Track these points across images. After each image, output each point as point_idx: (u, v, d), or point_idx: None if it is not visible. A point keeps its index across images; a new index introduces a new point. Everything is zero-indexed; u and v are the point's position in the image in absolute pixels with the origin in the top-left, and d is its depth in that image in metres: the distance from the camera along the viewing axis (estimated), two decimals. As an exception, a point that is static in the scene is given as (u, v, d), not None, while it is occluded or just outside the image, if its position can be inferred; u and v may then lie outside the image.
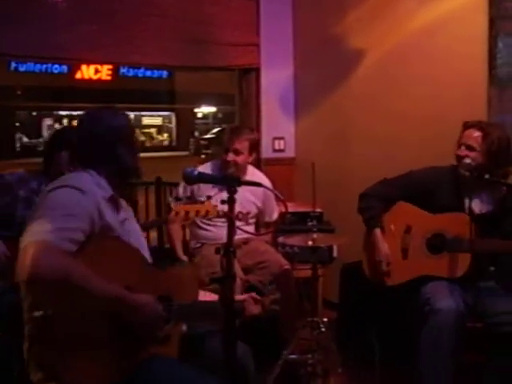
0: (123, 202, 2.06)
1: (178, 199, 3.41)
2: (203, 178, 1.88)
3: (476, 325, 2.58)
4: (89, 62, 3.84)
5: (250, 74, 4.40)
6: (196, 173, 1.79)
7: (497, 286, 2.65)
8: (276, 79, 4.49)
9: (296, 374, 2.99)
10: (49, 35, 3.53)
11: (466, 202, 2.61)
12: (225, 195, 1.73)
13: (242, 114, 4.47)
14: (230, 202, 1.66)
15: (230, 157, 3.31)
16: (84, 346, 1.63)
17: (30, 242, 1.58)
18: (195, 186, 3.30)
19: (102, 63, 3.62)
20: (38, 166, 2.78)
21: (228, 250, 1.55)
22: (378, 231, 2.86)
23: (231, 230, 1.60)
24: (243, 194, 3.17)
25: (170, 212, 3.39)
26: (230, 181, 1.74)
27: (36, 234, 1.60)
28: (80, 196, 1.77)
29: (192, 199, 3.35)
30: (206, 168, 3.47)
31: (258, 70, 4.38)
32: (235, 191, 1.71)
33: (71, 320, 1.61)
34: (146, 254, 2.03)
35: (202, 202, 3.08)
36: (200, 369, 1.85)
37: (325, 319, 2.97)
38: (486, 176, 2.48)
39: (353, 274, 3.36)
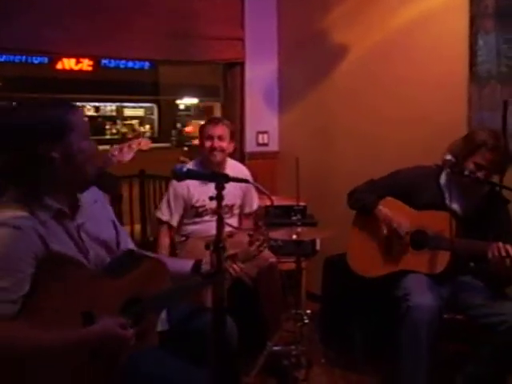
0: (87, 195, 1.88)
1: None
2: (192, 175, 1.90)
3: (457, 317, 2.66)
4: (74, 56, 3.82)
5: (234, 68, 4.41)
6: (185, 169, 1.82)
7: (474, 280, 2.72)
8: (260, 73, 4.51)
9: (280, 365, 3.04)
10: (34, 29, 3.51)
11: (447, 200, 2.67)
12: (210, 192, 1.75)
13: (226, 107, 4.49)
14: (219, 198, 1.69)
15: (217, 142, 3.33)
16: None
17: None
18: (185, 192, 3.35)
19: (87, 57, 3.59)
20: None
21: (218, 245, 1.58)
22: (382, 207, 2.88)
23: (220, 226, 1.63)
24: (228, 187, 3.22)
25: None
26: (218, 177, 1.75)
27: None
28: (16, 236, 1.58)
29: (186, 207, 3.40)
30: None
31: (242, 64, 4.40)
32: (223, 188, 1.73)
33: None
34: (114, 245, 1.94)
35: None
36: (185, 352, 1.88)
37: (308, 311, 3.00)
38: (466, 172, 2.53)
39: (336, 267, 3.42)
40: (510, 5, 3.07)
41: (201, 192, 3.31)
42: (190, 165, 3.53)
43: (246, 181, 1.92)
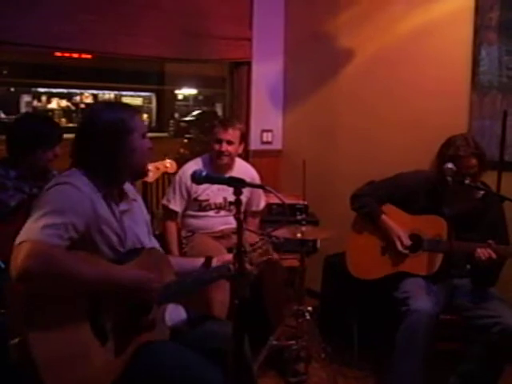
0: (130, 191, 2.13)
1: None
2: (211, 179, 1.98)
3: (452, 317, 2.77)
4: (85, 53, 3.84)
5: (241, 67, 4.46)
6: (204, 174, 1.91)
7: (471, 283, 2.82)
8: (266, 73, 4.58)
9: (281, 359, 3.15)
10: (46, 24, 3.52)
11: (445, 206, 2.78)
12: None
13: (232, 106, 4.54)
14: (238, 203, 1.77)
15: (225, 147, 3.40)
16: (71, 357, 1.69)
17: (22, 240, 1.66)
18: (189, 183, 3.43)
19: (98, 54, 3.57)
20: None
21: (239, 249, 1.67)
22: (385, 217, 2.97)
23: (240, 230, 1.71)
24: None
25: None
26: (236, 182, 1.82)
27: (27, 233, 1.68)
28: (74, 193, 1.83)
29: (189, 198, 3.50)
30: (197, 163, 3.55)
31: (249, 64, 4.45)
32: (241, 192, 1.82)
33: (49, 340, 1.66)
34: (147, 240, 2.12)
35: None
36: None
37: (309, 308, 3.07)
38: (467, 181, 2.64)
39: (336, 266, 3.52)
40: (513, 18, 3.18)
41: (204, 186, 3.39)
42: (199, 160, 3.59)
43: (261, 186, 2.01)
